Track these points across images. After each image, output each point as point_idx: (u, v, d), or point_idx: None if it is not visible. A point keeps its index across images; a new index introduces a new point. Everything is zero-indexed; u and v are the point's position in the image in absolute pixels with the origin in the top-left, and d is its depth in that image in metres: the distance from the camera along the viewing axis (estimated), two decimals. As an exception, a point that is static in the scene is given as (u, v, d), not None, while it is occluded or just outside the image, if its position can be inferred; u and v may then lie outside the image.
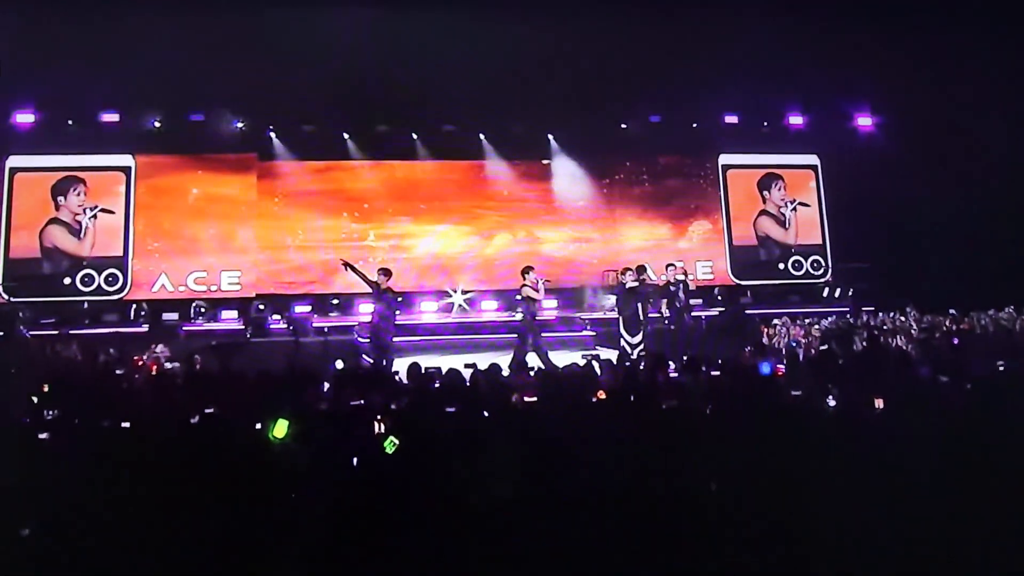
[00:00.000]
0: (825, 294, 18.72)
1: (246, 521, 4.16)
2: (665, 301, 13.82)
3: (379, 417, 5.27)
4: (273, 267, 18.84)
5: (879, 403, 5.61)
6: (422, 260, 19.30)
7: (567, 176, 20.05)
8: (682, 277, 13.93)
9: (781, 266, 20.30)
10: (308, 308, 17.03)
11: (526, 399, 6.14)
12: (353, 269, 12.32)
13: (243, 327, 16.10)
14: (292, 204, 19.07)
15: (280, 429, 4.80)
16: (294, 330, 15.31)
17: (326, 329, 14.36)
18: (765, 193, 20.69)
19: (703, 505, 4.30)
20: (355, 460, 4.69)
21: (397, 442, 4.73)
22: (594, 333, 15.29)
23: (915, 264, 17.21)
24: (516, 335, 12.62)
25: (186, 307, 17.36)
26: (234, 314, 17.34)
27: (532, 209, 19.98)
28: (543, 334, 12.69)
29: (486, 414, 5.85)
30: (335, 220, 19.16)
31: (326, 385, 7.80)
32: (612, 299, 15.26)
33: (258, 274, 18.67)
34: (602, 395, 6.40)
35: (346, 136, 19.17)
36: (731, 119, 19.78)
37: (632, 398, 6.21)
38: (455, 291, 18.80)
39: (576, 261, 19.80)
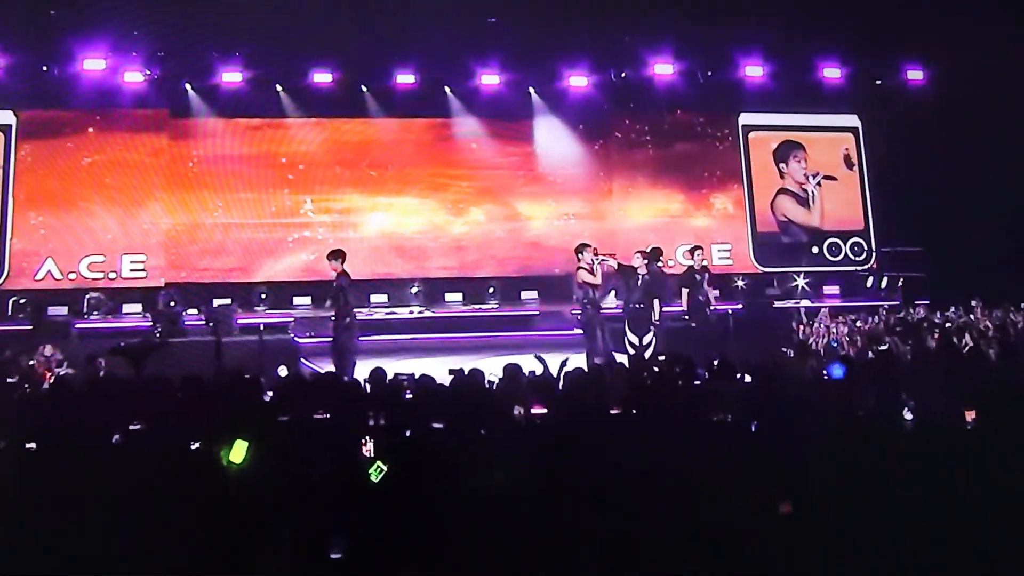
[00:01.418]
0: (869, 284, 18.87)
1: (200, 561, 4.12)
2: (687, 292, 13.84)
3: (365, 437, 5.22)
4: (186, 249, 18.74)
5: (970, 416, 5.62)
6: (372, 241, 19.23)
7: (552, 137, 20.09)
8: (706, 263, 13.96)
9: (815, 250, 20.50)
10: (228, 301, 16.81)
11: (534, 411, 6.08)
12: None
13: (151, 324, 15.83)
14: (211, 171, 18.91)
15: (238, 452, 4.71)
16: (215, 328, 15.08)
17: (261, 327, 14.21)
18: (782, 166, 20.92)
19: (778, 535, 4.36)
20: (334, 489, 4.62)
21: (385, 468, 4.67)
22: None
23: (978, 249, 17.27)
24: (582, 331, 12.73)
25: (78, 299, 17.16)
26: (138, 308, 17.20)
27: (510, 178, 20.03)
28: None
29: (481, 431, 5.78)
30: (264, 191, 19.06)
31: (268, 395, 7.76)
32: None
33: (168, 258, 18.54)
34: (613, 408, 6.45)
35: (279, 88, 19.00)
36: (754, 70, 19.81)
37: (658, 411, 6.19)
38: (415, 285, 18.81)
39: (563, 241, 19.60)
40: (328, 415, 6.07)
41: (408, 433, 5.52)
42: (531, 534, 4.27)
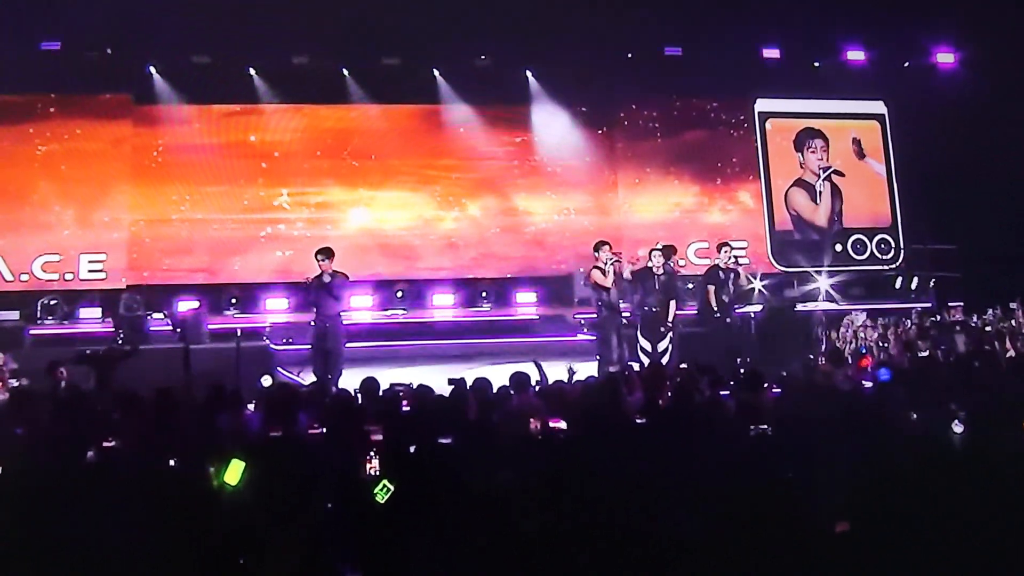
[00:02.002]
0: (898, 285, 18.87)
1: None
2: (712, 289, 13.83)
3: (371, 453, 5.17)
4: (150, 248, 18.62)
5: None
6: (353, 238, 19.12)
7: (551, 125, 20.05)
8: (747, 260, 14.00)
9: (838, 248, 20.49)
10: (196, 304, 16.71)
11: (551, 425, 6.03)
12: None
13: (113, 330, 15.78)
14: (177, 162, 18.82)
15: (234, 473, 4.66)
16: (183, 334, 15.04)
17: (239, 332, 14.18)
18: (799, 156, 21.00)
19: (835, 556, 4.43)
20: (337, 513, 4.57)
21: (392, 488, 4.62)
22: (593, 337, 15.20)
23: (1017, 246, 17.22)
24: (595, 336, 12.81)
25: (31, 303, 17.03)
26: (97, 312, 17.06)
27: (505, 169, 20.02)
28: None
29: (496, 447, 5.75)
30: (235, 183, 19.00)
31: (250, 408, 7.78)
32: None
33: (129, 257, 18.42)
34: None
35: (252, 71, 18.95)
36: (771, 52, 19.87)
37: (688, 424, 6.17)
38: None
39: (564, 238, 19.82)
40: (323, 430, 5.98)
41: (413, 449, 5.46)
42: (561, 564, 4.23)
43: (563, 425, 6.26)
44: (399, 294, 18.67)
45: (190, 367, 12.95)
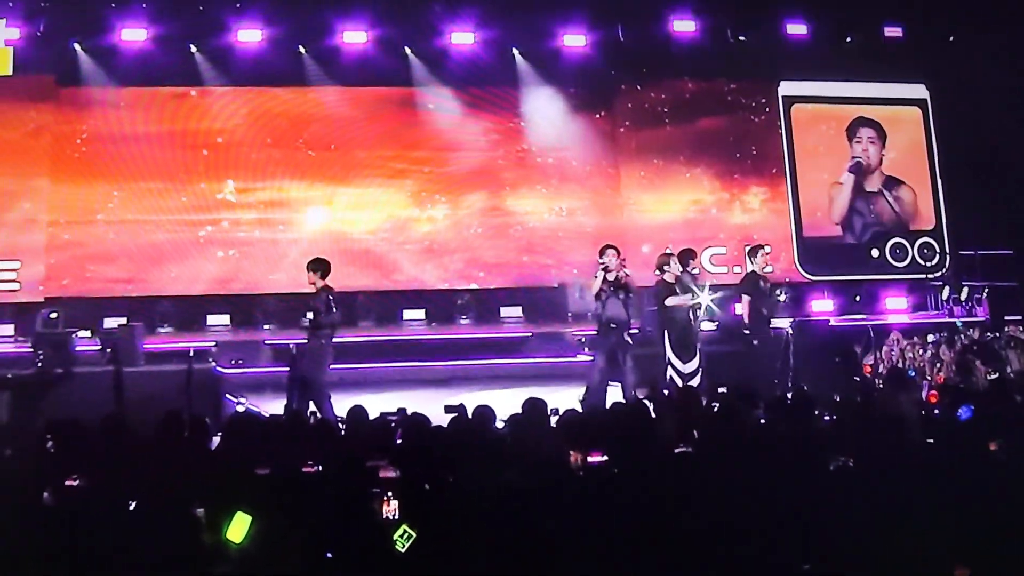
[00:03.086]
0: (946, 296, 18.94)
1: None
2: (747, 300, 13.84)
3: (388, 492, 5.23)
4: (72, 254, 18.52)
5: None
6: (309, 243, 18.84)
7: (542, 110, 20.07)
8: (770, 268, 13.99)
9: (875, 253, 20.55)
10: (124, 320, 16.60)
11: (590, 460, 6.13)
12: None
13: (30, 350, 15.60)
14: (106, 153, 18.73)
15: (238, 528, 4.60)
16: (115, 355, 14.93)
17: (192, 352, 14.13)
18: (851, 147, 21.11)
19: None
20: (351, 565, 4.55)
21: (414, 535, 4.60)
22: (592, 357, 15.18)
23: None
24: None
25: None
26: (10, 330, 16.96)
27: (488, 161, 20.01)
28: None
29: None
30: (173, 179, 18.92)
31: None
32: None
33: (48, 266, 18.34)
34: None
35: (193, 48, 18.88)
36: (797, 28, 19.94)
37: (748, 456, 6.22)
38: None
39: (556, 242, 19.81)
40: (319, 467, 6.01)
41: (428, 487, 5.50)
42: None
43: (603, 458, 6.28)
44: (328, 304, 18.45)
45: (122, 393, 12.86)
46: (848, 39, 20.41)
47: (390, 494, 5.29)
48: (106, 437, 7.45)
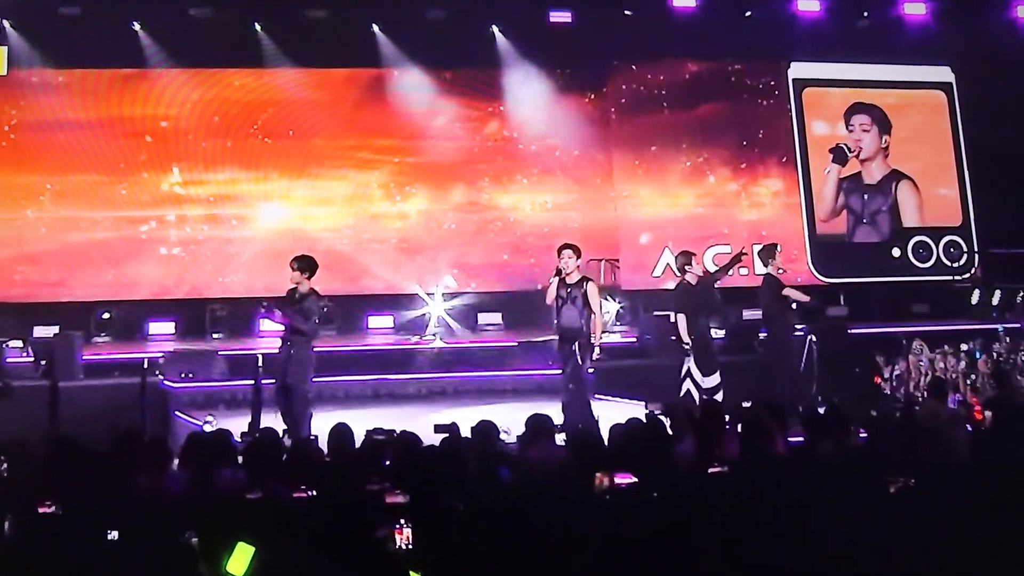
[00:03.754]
0: (975, 300, 18.85)
1: None
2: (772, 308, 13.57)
3: (400, 522, 5.28)
4: (-1, 255, 18.30)
5: None
6: (264, 242, 18.87)
7: (525, 93, 19.90)
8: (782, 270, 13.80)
9: (896, 253, 20.43)
10: (57, 329, 16.39)
11: (617, 481, 6.15)
12: None
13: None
14: (36, 143, 18.59)
15: (239, 561, 4.46)
16: (49, 368, 14.87)
17: (145, 363, 14.07)
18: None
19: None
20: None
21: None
22: (592, 369, 14.92)
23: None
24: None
25: None
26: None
27: (465, 151, 19.93)
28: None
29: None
30: (112, 171, 18.76)
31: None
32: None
33: (-30, 268, 18.10)
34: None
35: (137, 26, 18.65)
36: (809, 4, 19.85)
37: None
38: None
39: (542, 239, 19.42)
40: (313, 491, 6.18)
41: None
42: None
43: (631, 480, 6.30)
44: (323, 310, 18.22)
45: (57, 409, 12.89)
46: (865, 16, 20.43)
47: (403, 521, 5.26)
48: (65, 458, 7.30)
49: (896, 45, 20.34)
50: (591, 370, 12.05)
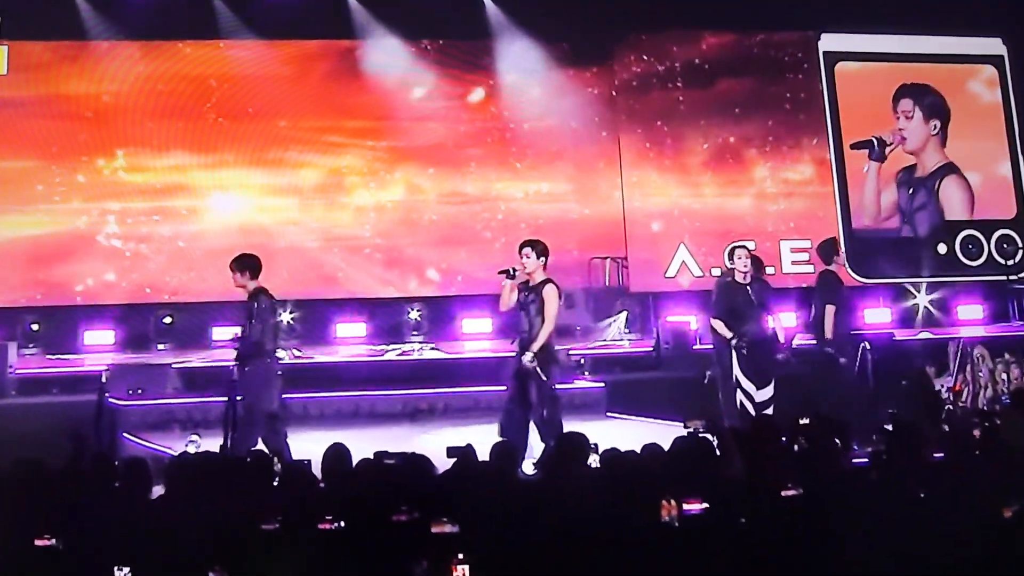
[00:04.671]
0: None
1: None
2: (832, 310, 13.23)
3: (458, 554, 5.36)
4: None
5: None
6: (219, 236, 18.63)
7: (519, 67, 19.93)
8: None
9: (942, 249, 20.37)
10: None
11: (685, 508, 6.12)
12: None
13: None
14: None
15: None
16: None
17: (104, 377, 13.99)
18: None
19: None
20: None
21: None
22: (602, 383, 15.02)
23: None
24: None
25: None
26: None
27: (448, 133, 19.84)
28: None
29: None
30: (45, 155, 18.62)
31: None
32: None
33: None
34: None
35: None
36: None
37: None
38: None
39: (538, 232, 19.05)
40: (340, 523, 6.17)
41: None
42: None
43: (703, 505, 6.24)
44: (289, 320, 17.99)
45: None
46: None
47: (460, 556, 5.32)
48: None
49: (939, 13, 20.17)
50: (556, 386, 11.49)
